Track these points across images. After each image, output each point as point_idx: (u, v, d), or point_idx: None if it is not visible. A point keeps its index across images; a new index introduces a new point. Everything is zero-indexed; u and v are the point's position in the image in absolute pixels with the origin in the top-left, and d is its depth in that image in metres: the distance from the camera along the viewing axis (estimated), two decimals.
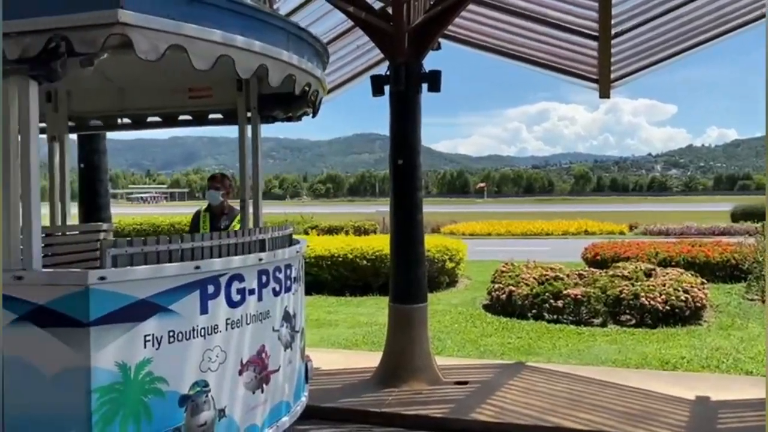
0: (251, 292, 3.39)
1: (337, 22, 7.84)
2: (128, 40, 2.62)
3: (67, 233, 5.13)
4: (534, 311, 8.99)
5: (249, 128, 4.71)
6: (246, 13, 3.13)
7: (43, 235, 4.69)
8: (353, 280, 11.61)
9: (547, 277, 9.76)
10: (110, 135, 6.69)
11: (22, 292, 2.74)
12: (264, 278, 3.52)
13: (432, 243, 11.71)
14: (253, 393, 3.43)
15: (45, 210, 5.29)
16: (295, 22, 3.64)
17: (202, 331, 3.09)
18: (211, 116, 5.04)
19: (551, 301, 8.87)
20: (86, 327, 2.68)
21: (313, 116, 4.62)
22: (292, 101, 4.47)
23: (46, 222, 5.22)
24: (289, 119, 4.82)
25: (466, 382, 5.83)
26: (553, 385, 5.75)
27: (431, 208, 35.09)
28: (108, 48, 2.66)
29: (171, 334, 2.94)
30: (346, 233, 20.72)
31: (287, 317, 3.80)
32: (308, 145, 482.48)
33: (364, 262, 11.54)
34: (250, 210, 4.79)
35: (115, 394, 2.75)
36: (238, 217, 5.62)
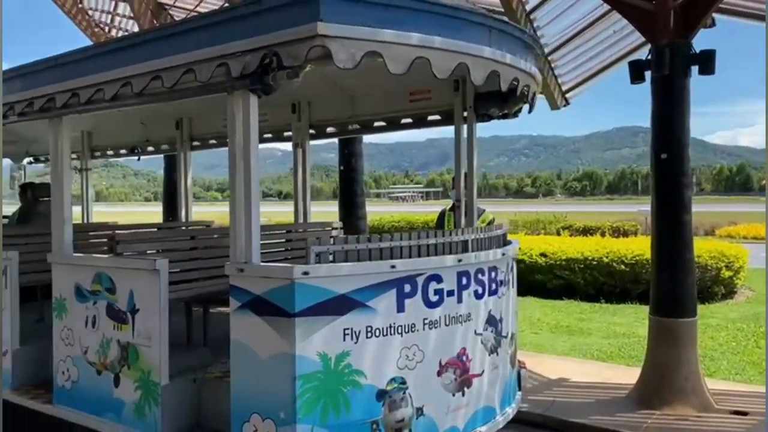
0: (450, 293, 3.37)
1: (591, 8, 7.47)
2: (328, 51, 2.79)
3: (308, 230, 5.66)
4: None
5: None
6: (443, 12, 3.11)
7: (285, 231, 5.26)
8: (609, 286, 10.89)
9: None
10: (373, 139, 7.37)
11: (243, 282, 3.09)
12: (464, 280, 3.46)
13: (704, 247, 10.52)
14: (453, 395, 3.40)
15: (285, 208, 5.92)
16: (497, 16, 3.51)
17: (399, 328, 3.15)
18: (429, 118, 5.13)
19: None
20: (292, 317, 2.91)
21: (530, 111, 4.43)
22: (508, 98, 4.35)
23: (282, 219, 5.81)
24: (504, 116, 4.69)
25: (745, 413, 5.01)
26: None
27: (703, 208, 31.41)
28: (311, 60, 2.85)
29: (368, 329, 3.06)
30: (603, 234, 19.46)
31: (492, 321, 3.70)
32: (563, 141, 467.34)
33: (622, 266, 10.76)
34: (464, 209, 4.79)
35: (316, 382, 2.95)
36: (483, 217, 5.64)
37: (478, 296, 3.58)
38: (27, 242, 4.89)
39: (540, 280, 11.35)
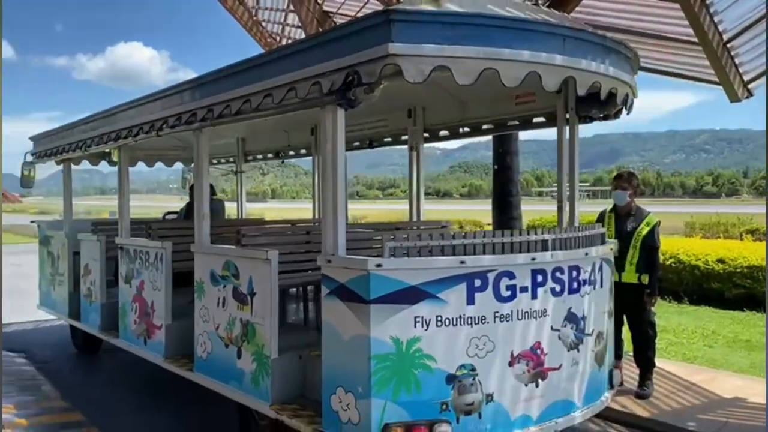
0: (523, 289, 3.56)
1: None
2: (399, 68, 3.14)
3: (421, 227, 6.03)
4: None
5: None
6: (511, 26, 3.33)
7: (396, 228, 5.68)
8: None
9: None
10: (536, 136, 7.43)
11: (331, 272, 3.54)
12: (540, 277, 3.63)
13: None
14: (526, 385, 3.59)
15: (442, 206, 6.32)
16: (573, 25, 3.61)
17: (469, 320, 3.42)
18: (534, 120, 5.26)
19: None
20: (368, 304, 3.30)
21: (628, 113, 4.44)
22: (606, 100, 4.38)
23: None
24: (605, 117, 4.71)
25: None
26: None
27: None
28: (385, 76, 3.22)
29: (438, 318, 3.36)
30: None
31: (572, 318, 3.81)
32: (751, 135, 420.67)
33: None
34: (566, 210, 4.88)
35: (389, 363, 3.32)
36: (648, 219, 5.56)
37: (556, 294, 3.72)
38: (184, 234, 5.75)
39: (717, 289, 10.51)
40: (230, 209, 9.07)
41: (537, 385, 3.64)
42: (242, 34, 12.14)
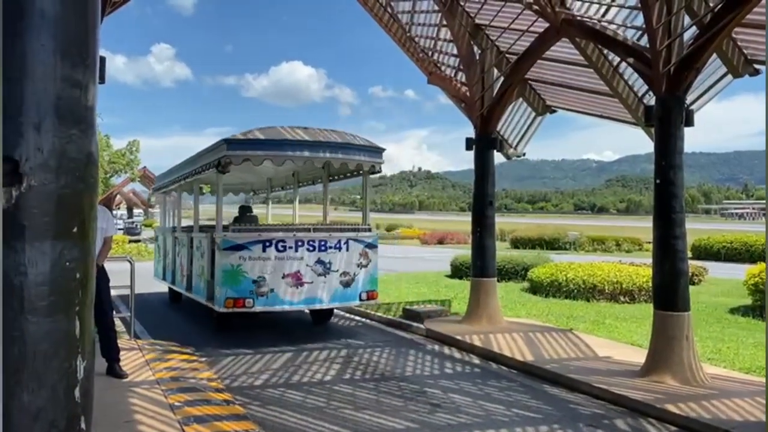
0: (290, 247, 8.56)
1: None
2: (230, 160, 8.38)
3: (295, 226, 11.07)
4: None
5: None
6: (273, 143, 8.42)
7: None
8: None
9: None
10: (705, 148, 12.24)
11: (216, 238, 8.78)
12: (299, 243, 8.61)
13: None
14: (290, 287, 8.55)
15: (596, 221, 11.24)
16: (316, 138, 8.56)
17: (263, 258, 8.47)
18: (359, 173, 10.16)
19: None
20: (222, 250, 8.50)
21: (375, 172, 9.27)
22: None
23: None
24: (377, 173, 9.52)
25: None
26: None
27: None
28: (227, 163, 8.45)
29: (249, 256, 8.46)
30: None
31: (321, 262, 8.71)
32: None
33: None
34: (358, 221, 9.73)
35: (228, 274, 8.46)
36: None
37: (310, 250, 8.66)
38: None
39: None
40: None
41: (297, 288, 8.59)
42: (395, 50, 12.35)
